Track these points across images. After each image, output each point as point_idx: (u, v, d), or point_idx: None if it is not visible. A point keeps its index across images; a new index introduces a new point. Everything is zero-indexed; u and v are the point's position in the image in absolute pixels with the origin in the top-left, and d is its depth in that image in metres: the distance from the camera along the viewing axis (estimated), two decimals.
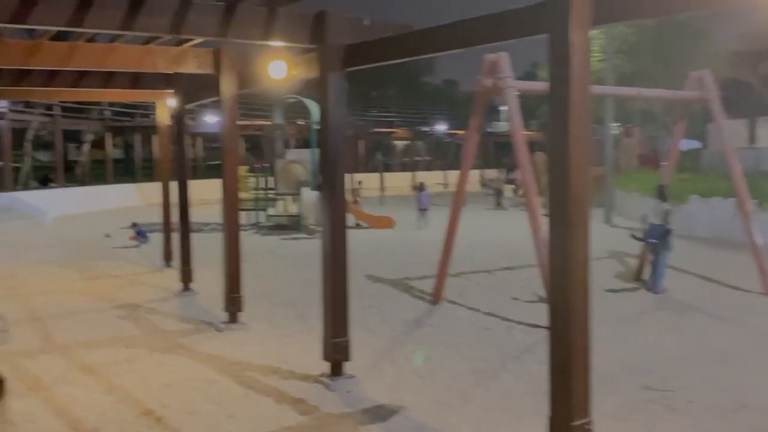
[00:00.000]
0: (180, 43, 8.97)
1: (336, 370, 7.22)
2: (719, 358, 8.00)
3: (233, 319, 9.54)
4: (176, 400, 6.78)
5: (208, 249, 14.30)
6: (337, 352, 7.21)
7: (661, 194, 11.68)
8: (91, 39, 8.78)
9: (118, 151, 52.07)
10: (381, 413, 6.37)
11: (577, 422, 4.83)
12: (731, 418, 6.22)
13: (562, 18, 4.66)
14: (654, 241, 11.53)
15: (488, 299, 11.14)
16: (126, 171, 48.26)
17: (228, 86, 9.29)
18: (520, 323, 9.60)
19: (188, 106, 12.64)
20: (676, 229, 11.84)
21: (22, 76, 10.77)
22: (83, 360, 8.14)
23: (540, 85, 12.48)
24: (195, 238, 12.66)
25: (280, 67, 7.86)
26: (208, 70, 9.44)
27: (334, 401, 6.68)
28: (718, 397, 6.69)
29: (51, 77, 10.87)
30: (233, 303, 9.50)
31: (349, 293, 7.33)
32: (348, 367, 7.35)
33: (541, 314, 9.77)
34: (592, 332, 4.86)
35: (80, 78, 11.08)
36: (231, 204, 9.63)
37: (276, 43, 7.57)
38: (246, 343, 8.81)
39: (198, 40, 8.70)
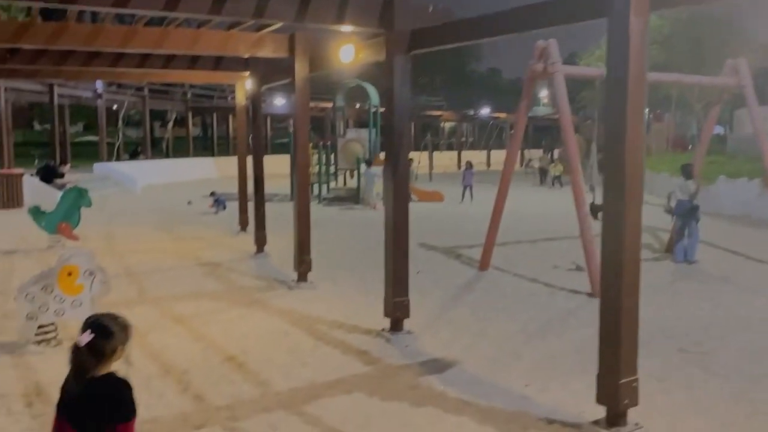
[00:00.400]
0: (259, 29, 8.91)
1: (396, 327, 7.17)
2: (752, 326, 7.69)
3: (302, 278, 9.55)
4: (255, 348, 6.81)
5: (276, 217, 14.37)
6: (397, 310, 7.15)
7: (687, 173, 11.25)
8: (180, 25, 8.78)
9: (197, 129, 52.75)
10: (438, 366, 6.29)
11: (624, 380, 4.69)
12: (766, 382, 5.97)
13: (622, 2, 4.42)
14: (688, 214, 11.15)
15: (531, 267, 10.94)
16: (203, 147, 48.92)
17: (301, 69, 9.21)
18: (562, 289, 9.40)
19: (262, 88, 12.61)
20: (701, 204, 11.43)
21: (118, 59, 10.86)
22: (173, 311, 8.25)
23: (586, 71, 12.15)
24: (266, 207, 12.71)
25: (349, 51, 7.73)
26: (283, 54, 9.36)
27: (394, 354, 6.62)
28: (752, 362, 6.42)
29: (143, 60, 10.94)
30: (303, 264, 9.50)
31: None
32: (406, 324, 7.30)
33: (580, 281, 9.60)
34: None
35: (169, 61, 11.12)
36: (302, 177, 9.60)
37: (346, 28, 7.44)
38: (314, 300, 8.81)
39: (275, 26, 8.63)
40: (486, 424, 5.01)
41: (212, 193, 19.30)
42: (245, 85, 13.34)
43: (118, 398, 2.83)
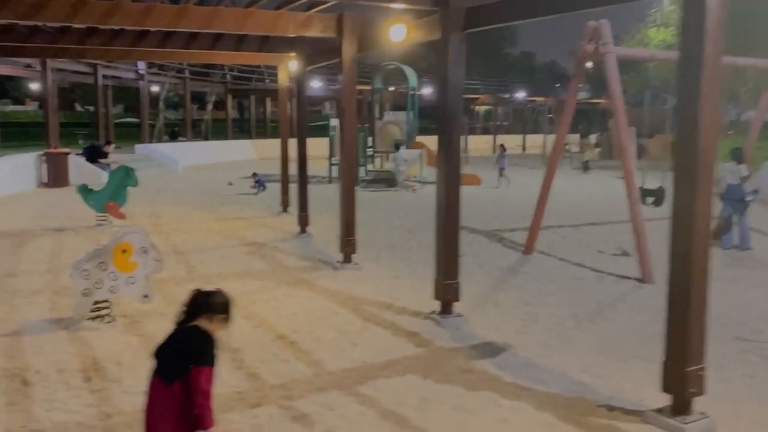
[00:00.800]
0: (308, 8, 8.78)
1: (446, 309, 7.06)
2: None
3: (347, 259, 9.48)
4: (304, 327, 6.77)
5: (315, 199, 14.30)
6: (447, 293, 7.04)
7: (738, 157, 10.85)
8: (230, 5, 8.71)
9: (234, 111, 52.99)
10: (490, 350, 6.17)
11: (691, 368, 4.52)
12: None
13: None
14: (750, 198, 10.79)
15: (576, 251, 10.72)
16: (240, 129, 49.13)
17: (349, 49, 9.07)
18: (609, 274, 9.19)
19: (307, 69, 12.50)
20: (752, 189, 11.06)
21: (165, 39, 10.84)
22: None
23: (639, 52, 11.77)
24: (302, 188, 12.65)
25: (400, 30, 7.57)
26: (330, 34, 9.23)
27: (445, 337, 6.52)
28: None
29: (191, 40, 10.90)
30: (348, 245, 9.43)
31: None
32: (455, 307, 7.18)
33: (628, 267, 9.37)
34: None
35: (215, 41, 11.07)
36: (349, 158, 9.49)
37: (398, 6, 7.28)
38: (360, 280, 8.74)
39: (324, 5, 8.50)
40: (544, 409, 4.88)
41: (254, 174, 19.34)
42: (289, 66, 13.23)
43: (194, 344, 3.15)
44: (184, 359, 3.08)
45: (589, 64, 10.22)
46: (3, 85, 61.35)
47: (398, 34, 7.61)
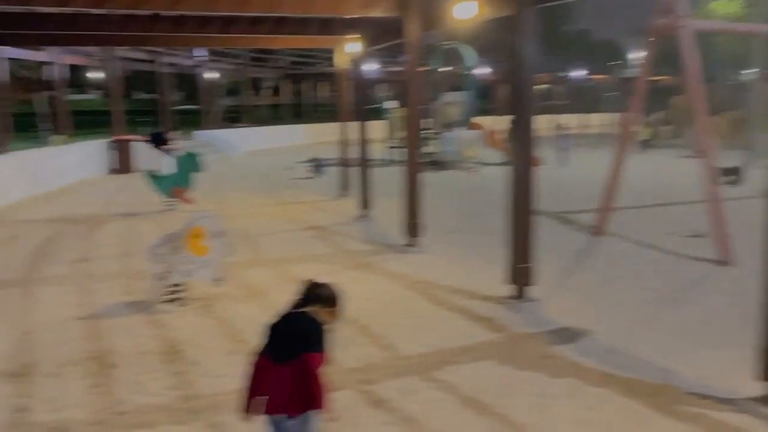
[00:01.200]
0: None
1: (519, 293, 6.89)
2: None
3: (412, 242, 9.38)
4: (375, 311, 6.71)
5: (373, 181, 14.21)
6: (521, 277, 6.87)
7: None
8: None
9: (289, 96, 53.30)
10: (568, 335, 5.99)
11: None
12: None
13: None
14: None
15: (646, 233, 10.35)
16: (295, 113, 49.42)
17: (413, 29, 8.90)
18: (684, 256, 8.84)
19: (367, 50, 12.38)
20: None
21: (227, 25, 10.88)
22: (289, 272, 8.27)
23: (718, 25, 11.20)
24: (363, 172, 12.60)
25: (470, 6, 7.35)
26: (394, 13, 9.08)
27: (520, 322, 6.35)
28: None
29: (253, 24, 10.91)
30: (413, 228, 9.32)
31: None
32: (528, 291, 7.00)
33: (703, 248, 8.99)
34: None
35: (277, 25, 11.05)
36: (413, 140, 9.36)
37: None
38: (426, 264, 8.62)
39: None
40: (631, 396, 4.70)
41: (314, 159, 19.39)
42: (348, 48, 13.13)
43: (307, 330, 3.27)
44: (297, 343, 3.24)
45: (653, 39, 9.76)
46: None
47: (468, 11, 7.40)
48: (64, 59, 23.01)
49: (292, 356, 3.22)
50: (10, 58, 21.10)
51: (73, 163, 18.03)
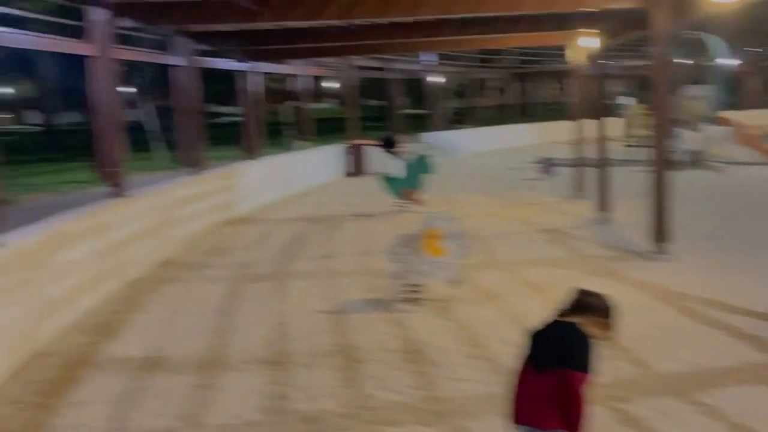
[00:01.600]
0: None
1: None
2: None
3: (660, 249, 8.67)
4: (622, 322, 6.25)
5: (616, 183, 13.45)
6: None
7: None
8: None
9: (515, 96, 52.79)
10: None
11: None
12: None
13: None
14: None
15: None
16: (522, 113, 48.79)
17: (661, 19, 8.22)
18: None
19: (605, 45, 11.74)
20: None
21: (461, 27, 10.96)
22: (524, 276, 8.10)
23: None
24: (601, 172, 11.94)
25: None
26: (640, 4, 8.46)
27: None
28: None
29: (486, 25, 10.89)
30: (662, 234, 8.62)
31: None
32: None
33: None
34: None
35: (512, 24, 10.90)
36: (660, 138, 8.66)
37: None
38: (678, 273, 7.91)
39: None
40: None
41: (543, 159, 18.88)
42: (583, 44, 12.56)
43: (571, 344, 3.03)
44: (559, 355, 3.05)
45: None
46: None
47: None
48: (307, 70, 24.99)
49: (552, 367, 3.05)
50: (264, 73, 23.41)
51: (315, 167, 19.50)
